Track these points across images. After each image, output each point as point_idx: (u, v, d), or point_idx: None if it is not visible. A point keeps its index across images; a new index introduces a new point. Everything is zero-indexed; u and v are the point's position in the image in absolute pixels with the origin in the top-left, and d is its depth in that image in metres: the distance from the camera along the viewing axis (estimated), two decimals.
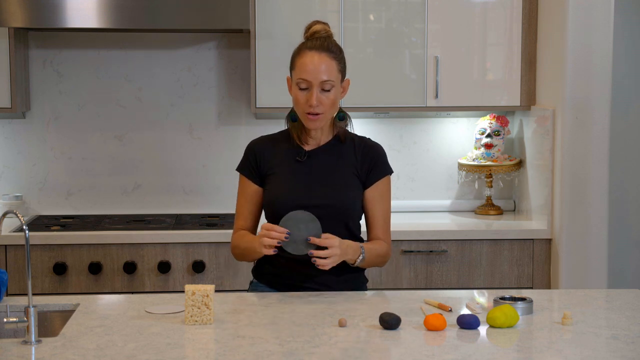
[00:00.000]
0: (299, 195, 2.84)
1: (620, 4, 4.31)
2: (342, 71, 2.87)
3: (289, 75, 2.90)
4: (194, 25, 4.06)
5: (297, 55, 2.84)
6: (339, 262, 2.73)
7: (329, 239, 2.70)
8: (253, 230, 2.97)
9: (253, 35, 4.19)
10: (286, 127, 2.96)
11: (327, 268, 2.71)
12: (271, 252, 2.71)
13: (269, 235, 2.70)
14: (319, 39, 2.84)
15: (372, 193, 2.91)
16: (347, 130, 2.96)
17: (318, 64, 2.79)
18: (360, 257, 2.79)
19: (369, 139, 2.98)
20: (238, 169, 2.96)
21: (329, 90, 2.81)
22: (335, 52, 2.84)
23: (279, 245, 2.70)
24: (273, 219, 2.87)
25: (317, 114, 2.81)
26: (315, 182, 2.85)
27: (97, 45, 4.47)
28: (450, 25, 4.28)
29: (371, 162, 2.91)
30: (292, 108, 2.91)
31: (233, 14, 3.97)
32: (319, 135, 2.91)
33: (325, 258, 2.69)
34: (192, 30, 4.43)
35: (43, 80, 4.46)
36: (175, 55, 4.50)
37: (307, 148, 2.91)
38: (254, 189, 2.93)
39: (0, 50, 4.15)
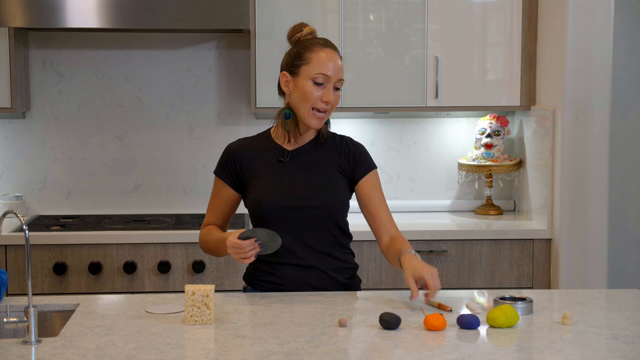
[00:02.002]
0: (283, 196, 2.82)
1: (620, 4, 4.31)
2: None
3: (284, 71, 2.86)
4: (194, 25, 4.06)
5: (310, 50, 2.80)
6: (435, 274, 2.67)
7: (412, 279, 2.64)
8: (223, 227, 2.96)
9: (253, 35, 4.19)
10: (272, 125, 2.93)
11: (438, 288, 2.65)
12: (252, 259, 2.71)
13: (243, 255, 2.68)
14: (323, 39, 2.85)
15: (364, 185, 2.88)
16: (328, 130, 2.95)
17: (336, 62, 2.80)
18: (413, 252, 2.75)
19: (349, 137, 2.96)
20: (215, 172, 2.93)
21: (339, 90, 2.82)
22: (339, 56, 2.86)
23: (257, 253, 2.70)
24: (258, 221, 2.86)
25: (324, 111, 2.80)
26: (299, 182, 2.84)
27: (97, 45, 4.47)
28: (450, 25, 4.28)
29: (355, 158, 2.89)
30: (286, 106, 2.88)
31: (233, 14, 3.97)
32: (303, 134, 2.89)
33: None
34: (192, 30, 4.43)
35: (43, 80, 4.46)
36: (175, 55, 4.50)
37: (288, 148, 2.90)
38: (229, 193, 2.91)
39: (0, 50, 4.15)
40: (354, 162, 2.88)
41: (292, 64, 2.83)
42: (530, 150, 4.35)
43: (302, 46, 2.82)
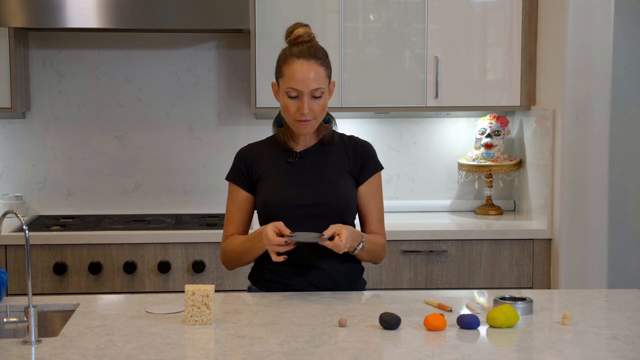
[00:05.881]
0: (292, 195, 2.84)
1: (620, 4, 4.31)
2: (329, 76, 2.85)
3: (273, 80, 2.89)
4: (194, 25, 4.06)
5: (285, 63, 2.81)
6: (351, 242, 2.72)
7: (334, 225, 2.72)
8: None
9: (253, 35, 4.19)
10: (273, 133, 2.96)
11: (342, 249, 2.70)
12: (281, 259, 2.73)
13: (277, 243, 2.70)
14: (304, 44, 2.81)
15: (366, 189, 2.90)
16: (334, 131, 2.96)
17: (307, 73, 2.77)
18: (361, 245, 2.77)
19: (357, 137, 2.98)
20: (228, 178, 2.95)
21: (319, 97, 2.80)
22: (322, 58, 2.82)
23: (288, 245, 2.71)
24: (266, 221, 2.86)
25: (307, 120, 2.81)
26: (308, 182, 2.85)
27: (97, 45, 4.47)
28: (450, 25, 4.28)
29: (363, 159, 2.91)
30: (279, 114, 2.92)
31: (233, 14, 3.97)
32: (307, 138, 2.91)
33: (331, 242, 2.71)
34: (192, 30, 4.43)
35: (43, 80, 4.46)
36: (175, 55, 4.50)
37: (296, 149, 2.91)
38: (244, 196, 2.92)
39: (0, 50, 4.15)
40: (361, 163, 2.90)
41: (276, 75, 2.88)
42: (530, 150, 4.35)
43: (281, 57, 2.85)
